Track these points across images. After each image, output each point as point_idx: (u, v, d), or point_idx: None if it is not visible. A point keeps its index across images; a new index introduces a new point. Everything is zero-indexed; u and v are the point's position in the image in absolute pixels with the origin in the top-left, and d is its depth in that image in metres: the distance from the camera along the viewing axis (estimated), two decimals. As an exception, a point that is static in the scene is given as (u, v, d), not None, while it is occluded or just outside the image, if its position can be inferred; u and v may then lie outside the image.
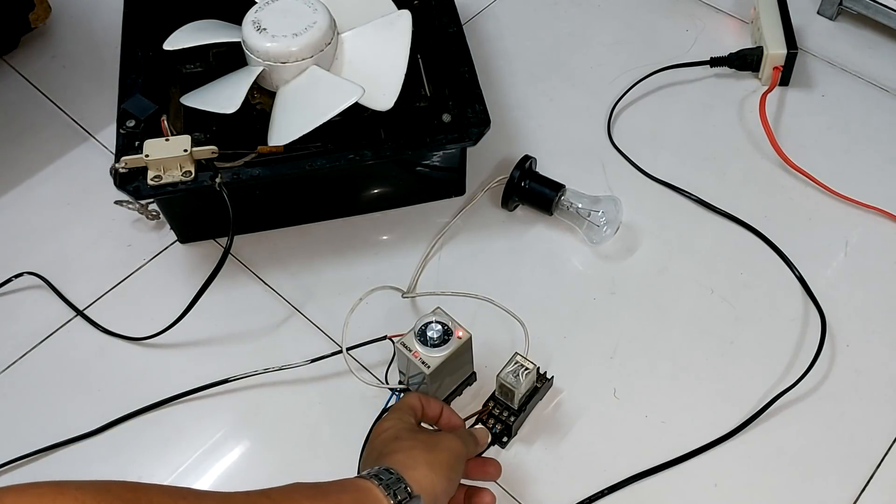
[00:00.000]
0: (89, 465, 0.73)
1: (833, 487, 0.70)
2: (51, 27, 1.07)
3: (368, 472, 0.56)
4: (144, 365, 0.79)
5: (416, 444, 0.60)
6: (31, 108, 1.00)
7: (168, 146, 0.76)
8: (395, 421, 0.63)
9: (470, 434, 0.66)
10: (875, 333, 0.78)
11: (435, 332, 0.68)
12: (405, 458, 0.58)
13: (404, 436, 0.61)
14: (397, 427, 0.63)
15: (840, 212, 0.87)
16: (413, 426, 0.64)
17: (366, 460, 0.64)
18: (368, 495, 0.54)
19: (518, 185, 0.84)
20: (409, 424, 0.64)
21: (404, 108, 0.83)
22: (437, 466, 0.59)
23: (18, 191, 0.92)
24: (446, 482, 0.59)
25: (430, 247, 0.85)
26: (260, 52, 0.79)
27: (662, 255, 0.84)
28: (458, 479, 0.61)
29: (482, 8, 1.08)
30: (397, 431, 0.62)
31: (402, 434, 0.62)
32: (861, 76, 0.98)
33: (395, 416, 0.64)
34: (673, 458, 0.71)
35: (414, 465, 0.57)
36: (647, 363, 0.78)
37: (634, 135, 0.94)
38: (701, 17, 1.05)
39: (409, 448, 0.60)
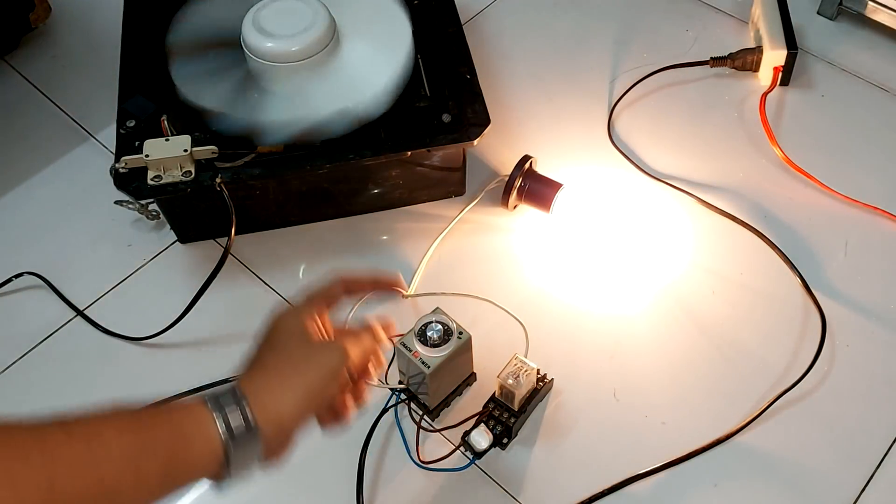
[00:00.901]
0: (89, 465, 0.73)
1: (833, 487, 0.70)
2: (51, 27, 1.07)
3: (207, 395, 0.51)
4: (144, 365, 0.79)
5: (284, 361, 0.55)
6: (31, 108, 1.00)
7: (168, 146, 0.76)
8: (294, 320, 0.58)
9: (366, 333, 0.60)
10: (875, 334, 0.78)
11: (435, 332, 0.68)
12: (263, 379, 0.54)
13: (281, 346, 0.57)
14: (288, 330, 0.58)
15: (840, 212, 0.87)
16: (305, 330, 0.58)
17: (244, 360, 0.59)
18: (194, 426, 0.49)
19: (518, 185, 0.84)
20: (301, 328, 0.58)
21: (404, 108, 0.83)
22: (296, 391, 0.54)
23: (18, 191, 0.92)
24: (299, 410, 0.54)
25: (430, 247, 0.85)
26: (260, 52, 0.79)
27: (662, 255, 0.84)
28: (320, 401, 0.57)
29: (482, 8, 1.08)
30: (281, 338, 0.57)
31: (281, 343, 0.57)
32: (861, 76, 0.98)
33: (299, 313, 0.59)
34: (673, 459, 0.71)
35: (268, 389, 0.53)
36: (647, 363, 0.78)
37: (634, 135, 0.94)
38: (701, 17, 1.05)
39: (274, 366, 0.55)
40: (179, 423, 0.49)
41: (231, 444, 0.50)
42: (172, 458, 0.48)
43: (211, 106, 0.80)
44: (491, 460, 0.72)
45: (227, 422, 0.49)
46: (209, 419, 0.49)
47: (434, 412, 0.73)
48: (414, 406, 0.73)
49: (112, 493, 0.45)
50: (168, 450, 0.48)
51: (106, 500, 0.45)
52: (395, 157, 0.80)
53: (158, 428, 0.48)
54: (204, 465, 0.50)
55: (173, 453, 0.48)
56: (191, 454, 0.49)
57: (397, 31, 0.86)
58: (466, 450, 0.70)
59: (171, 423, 0.49)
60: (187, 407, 0.50)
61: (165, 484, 0.48)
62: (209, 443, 0.49)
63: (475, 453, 0.69)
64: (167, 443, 0.48)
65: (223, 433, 0.49)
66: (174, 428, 0.49)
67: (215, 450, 0.49)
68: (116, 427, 0.47)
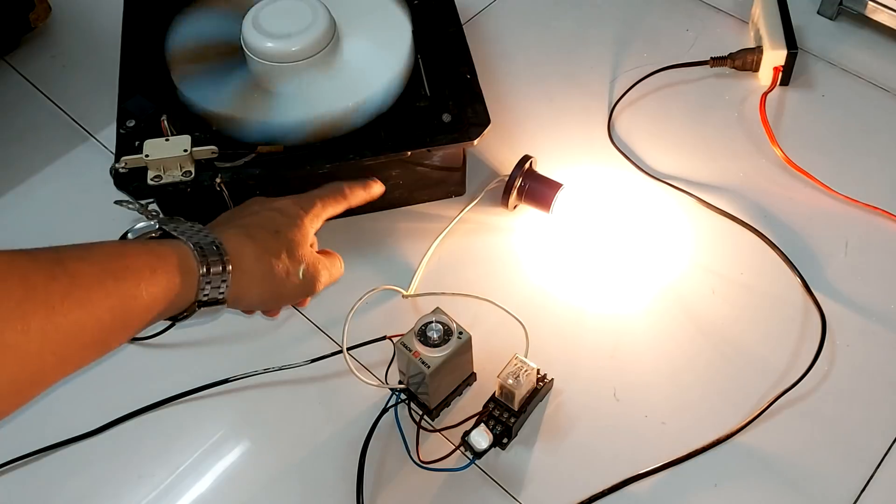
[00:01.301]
0: (89, 465, 0.73)
1: (833, 487, 0.70)
2: (51, 27, 1.07)
3: (191, 236, 0.52)
4: (144, 365, 0.79)
5: (275, 262, 0.56)
6: (31, 108, 1.00)
7: (168, 146, 0.76)
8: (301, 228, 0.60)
9: (338, 261, 0.63)
10: (875, 334, 0.78)
11: (435, 332, 0.68)
12: (251, 263, 0.55)
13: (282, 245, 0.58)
14: (287, 225, 0.59)
15: (840, 212, 0.87)
16: (296, 239, 0.59)
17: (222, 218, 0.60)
18: (173, 258, 0.50)
19: (518, 185, 0.84)
20: (305, 234, 0.59)
21: (404, 108, 0.83)
22: (270, 293, 0.56)
23: (19, 191, 0.92)
24: (261, 303, 0.56)
25: (430, 247, 0.85)
26: (260, 52, 0.79)
27: (662, 255, 0.84)
28: (277, 305, 0.58)
29: (482, 8, 1.08)
30: (282, 228, 0.58)
31: (283, 235, 0.58)
32: (861, 76, 0.98)
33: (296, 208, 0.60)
34: (673, 459, 0.72)
35: (251, 279, 0.54)
36: (647, 363, 0.78)
37: (634, 135, 0.94)
38: (701, 17, 1.05)
39: (266, 259, 0.56)
40: (162, 250, 0.50)
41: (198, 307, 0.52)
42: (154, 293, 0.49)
43: (211, 107, 0.80)
44: (491, 460, 0.72)
45: (209, 265, 0.51)
46: (191, 257, 0.51)
47: (434, 412, 0.73)
48: (414, 406, 0.73)
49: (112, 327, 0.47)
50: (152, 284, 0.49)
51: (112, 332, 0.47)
52: (395, 157, 0.79)
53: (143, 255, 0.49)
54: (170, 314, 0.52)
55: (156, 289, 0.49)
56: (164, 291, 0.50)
57: (397, 31, 0.86)
58: (466, 450, 0.70)
59: (153, 253, 0.50)
60: (173, 241, 0.52)
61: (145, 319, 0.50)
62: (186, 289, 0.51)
63: (475, 453, 0.69)
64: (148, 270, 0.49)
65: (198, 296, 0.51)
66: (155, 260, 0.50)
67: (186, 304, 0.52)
68: (105, 252, 0.48)
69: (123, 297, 0.47)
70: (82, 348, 0.46)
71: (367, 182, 0.64)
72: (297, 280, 0.58)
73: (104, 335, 0.47)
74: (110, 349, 0.49)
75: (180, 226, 0.54)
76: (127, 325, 0.48)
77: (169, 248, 0.51)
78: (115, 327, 0.47)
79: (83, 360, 0.47)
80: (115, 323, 0.47)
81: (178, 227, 0.54)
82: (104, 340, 0.47)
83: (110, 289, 0.46)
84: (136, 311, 0.48)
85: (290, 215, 0.60)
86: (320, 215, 0.62)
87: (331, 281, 0.61)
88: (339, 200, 0.63)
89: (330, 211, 0.62)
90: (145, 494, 0.72)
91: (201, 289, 0.51)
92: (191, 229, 0.53)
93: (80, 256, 0.46)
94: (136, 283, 0.48)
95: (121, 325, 0.48)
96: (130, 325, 0.48)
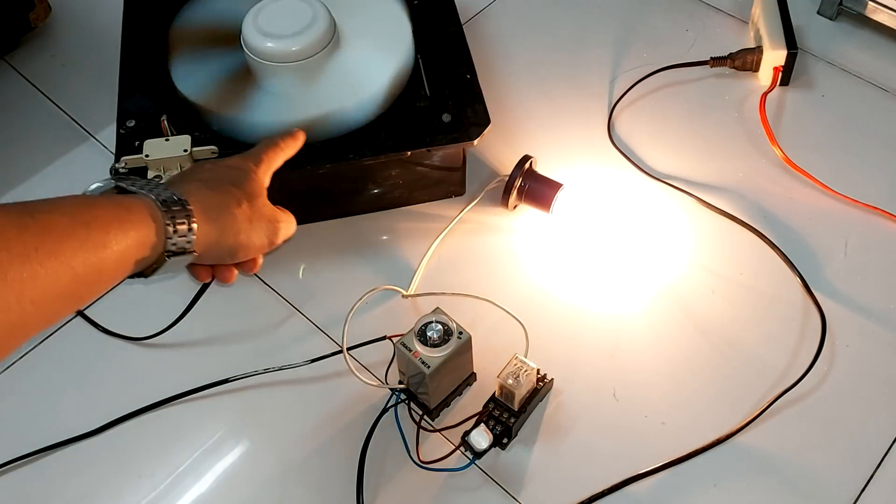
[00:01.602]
0: (89, 465, 0.73)
1: (833, 487, 0.70)
2: (51, 27, 1.07)
3: (151, 189, 0.53)
4: (144, 365, 0.79)
5: (239, 210, 0.58)
6: (31, 108, 1.00)
7: (168, 146, 0.76)
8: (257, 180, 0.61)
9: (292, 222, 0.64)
10: (875, 334, 0.78)
11: (435, 332, 0.68)
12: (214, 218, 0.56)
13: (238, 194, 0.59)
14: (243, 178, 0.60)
15: (840, 212, 0.87)
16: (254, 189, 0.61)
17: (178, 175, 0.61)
18: (140, 209, 0.51)
19: (518, 185, 0.84)
20: (254, 186, 0.61)
21: (404, 108, 0.83)
22: (230, 245, 0.57)
23: (18, 191, 0.92)
24: (219, 259, 0.58)
25: (430, 247, 0.85)
26: (260, 51, 0.79)
27: (662, 255, 0.84)
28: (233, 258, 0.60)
29: (482, 8, 1.08)
30: (240, 181, 0.60)
31: (240, 187, 0.59)
32: (861, 76, 0.98)
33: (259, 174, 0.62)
34: (673, 459, 0.72)
35: (213, 234, 0.56)
36: (647, 363, 0.78)
37: (634, 135, 0.94)
38: (701, 17, 1.05)
39: (229, 207, 0.57)
40: (126, 204, 0.51)
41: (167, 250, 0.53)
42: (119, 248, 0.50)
43: (212, 106, 0.80)
44: (491, 460, 0.72)
45: (174, 220, 0.52)
46: (155, 209, 0.52)
47: (434, 412, 0.73)
48: (414, 406, 0.73)
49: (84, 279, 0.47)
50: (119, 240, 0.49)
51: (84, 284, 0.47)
52: (395, 157, 0.80)
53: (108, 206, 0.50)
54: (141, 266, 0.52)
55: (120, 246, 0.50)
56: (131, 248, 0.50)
57: (397, 31, 0.86)
58: (466, 450, 0.70)
59: (117, 205, 0.51)
60: (134, 197, 0.52)
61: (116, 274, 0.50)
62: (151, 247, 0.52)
63: (475, 453, 0.69)
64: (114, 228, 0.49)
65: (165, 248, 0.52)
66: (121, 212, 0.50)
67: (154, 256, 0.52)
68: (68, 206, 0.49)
69: (95, 248, 0.48)
70: (58, 298, 0.46)
71: (293, 131, 0.67)
72: (259, 229, 0.60)
73: (78, 287, 0.47)
74: (84, 302, 0.49)
75: (137, 182, 0.55)
76: (100, 276, 0.49)
77: (134, 200, 0.52)
78: (89, 279, 0.48)
79: (60, 312, 0.47)
80: (88, 274, 0.47)
81: (134, 183, 0.55)
82: (78, 293, 0.48)
83: (82, 238, 0.47)
84: (107, 263, 0.49)
85: (244, 169, 0.62)
86: (269, 168, 0.65)
87: (287, 235, 0.64)
88: (277, 152, 0.66)
89: (275, 163, 0.66)
90: (145, 494, 0.72)
91: (168, 238, 0.52)
92: (148, 184, 0.55)
93: (49, 209, 0.47)
94: (105, 232, 0.48)
95: (94, 277, 0.48)
96: (103, 278, 0.49)
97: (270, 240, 0.61)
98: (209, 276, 0.62)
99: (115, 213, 0.50)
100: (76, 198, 0.50)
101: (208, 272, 0.62)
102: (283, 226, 0.63)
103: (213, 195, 0.57)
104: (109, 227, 0.49)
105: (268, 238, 0.61)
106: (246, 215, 0.59)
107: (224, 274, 0.62)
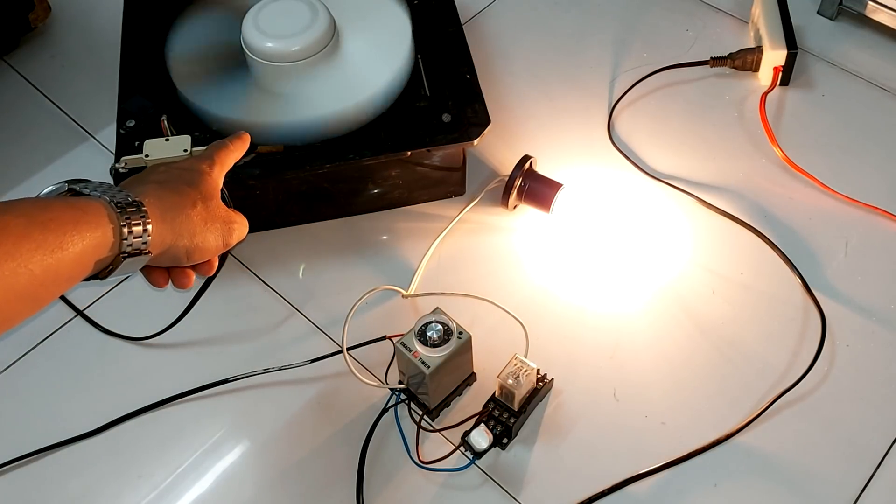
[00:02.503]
0: (89, 465, 0.73)
1: (833, 487, 0.70)
2: (51, 27, 1.07)
3: (104, 192, 0.53)
4: (144, 365, 0.79)
5: (193, 210, 0.58)
6: (31, 108, 1.00)
7: (168, 146, 0.76)
8: (210, 181, 0.61)
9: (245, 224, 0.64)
10: (875, 334, 0.78)
11: (435, 332, 0.68)
12: (168, 223, 0.56)
13: (193, 192, 0.59)
14: (197, 178, 0.60)
15: (840, 212, 0.87)
16: (208, 190, 0.61)
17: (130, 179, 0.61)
18: (95, 210, 0.51)
19: (518, 185, 0.84)
20: (207, 187, 0.61)
21: (404, 108, 0.83)
22: (187, 246, 0.57)
23: (18, 191, 0.92)
24: (176, 261, 0.58)
25: (430, 247, 0.85)
26: (260, 51, 0.79)
27: (662, 255, 0.84)
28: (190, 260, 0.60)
29: (482, 8, 1.08)
30: (195, 181, 0.60)
31: (195, 186, 0.60)
32: (861, 76, 0.98)
33: (214, 176, 0.62)
34: (673, 459, 0.72)
35: (168, 234, 0.56)
36: (647, 363, 0.78)
37: (634, 135, 0.94)
38: (701, 17, 1.05)
39: (183, 206, 0.58)
40: (82, 206, 0.51)
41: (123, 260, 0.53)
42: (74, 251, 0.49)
43: (211, 107, 0.80)
44: (491, 460, 0.72)
45: (129, 219, 0.52)
46: (110, 211, 0.52)
47: (434, 412, 0.73)
48: (414, 406, 0.73)
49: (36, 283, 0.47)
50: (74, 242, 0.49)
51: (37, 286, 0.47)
52: (395, 157, 0.80)
53: (67, 209, 0.50)
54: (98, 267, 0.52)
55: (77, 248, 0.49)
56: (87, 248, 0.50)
57: (397, 31, 0.86)
58: (466, 450, 0.70)
59: (74, 208, 0.50)
60: (87, 198, 0.52)
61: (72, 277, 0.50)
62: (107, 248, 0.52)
63: (475, 453, 0.69)
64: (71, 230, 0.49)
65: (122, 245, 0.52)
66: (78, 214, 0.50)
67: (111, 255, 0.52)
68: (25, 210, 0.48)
69: (52, 249, 0.48)
70: (16, 300, 0.46)
71: (239, 133, 0.67)
72: (214, 230, 0.60)
73: (36, 288, 0.47)
74: (43, 303, 0.49)
75: (90, 184, 0.55)
76: (58, 278, 0.49)
77: (89, 201, 0.52)
78: (47, 280, 0.48)
79: (20, 314, 0.48)
80: (45, 275, 0.47)
81: (87, 185, 0.55)
82: (36, 294, 0.48)
83: (39, 240, 0.47)
84: (64, 264, 0.49)
85: (198, 170, 0.63)
86: (222, 169, 0.65)
87: (241, 236, 0.64)
88: (228, 153, 0.67)
89: (226, 164, 0.66)
90: (145, 495, 0.72)
91: (124, 239, 0.52)
92: (101, 186, 0.55)
93: (4, 210, 0.47)
94: (62, 234, 0.48)
95: (52, 278, 0.48)
96: (60, 279, 0.49)
97: (225, 241, 0.62)
98: (166, 281, 0.62)
99: (72, 215, 0.50)
100: (32, 200, 0.50)
101: (164, 277, 0.62)
102: (237, 227, 0.63)
103: (169, 196, 0.58)
104: (66, 229, 0.49)
105: (222, 239, 0.61)
106: (201, 216, 0.59)
107: (181, 278, 0.62)
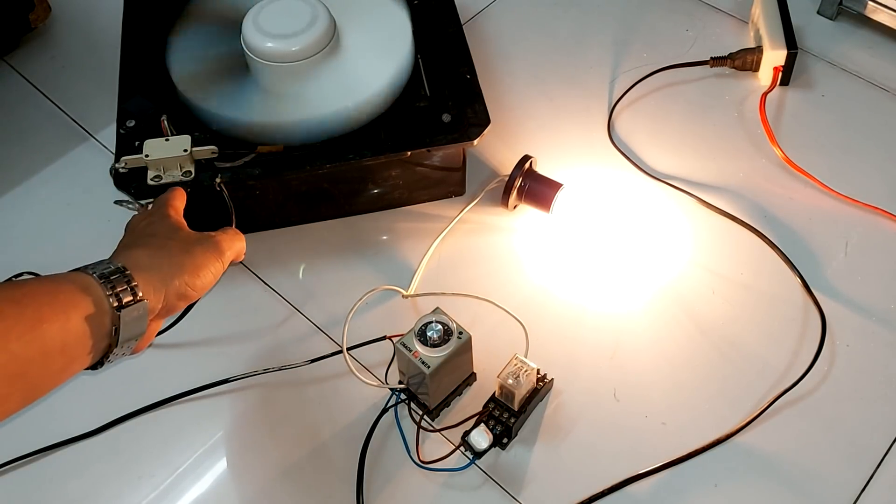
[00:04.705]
0: (89, 465, 0.73)
1: (833, 487, 0.70)
2: (51, 27, 1.07)
3: (93, 268, 0.53)
4: (144, 365, 0.79)
5: (167, 244, 0.59)
6: (31, 108, 1.00)
7: (168, 146, 0.76)
8: (163, 216, 0.63)
9: (237, 235, 0.66)
10: (875, 334, 0.78)
11: (435, 332, 0.68)
12: (146, 259, 0.57)
13: (160, 232, 0.61)
14: (157, 223, 0.62)
15: (840, 212, 0.87)
16: (173, 225, 0.63)
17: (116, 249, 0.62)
18: (80, 293, 0.50)
19: (518, 185, 0.84)
20: (175, 222, 0.63)
21: (404, 108, 0.83)
22: (177, 272, 0.58)
23: (18, 191, 0.92)
24: (180, 285, 0.58)
25: (430, 247, 0.85)
26: (260, 52, 0.79)
27: (662, 255, 0.84)
28: (194, 285, 0.60)
29: (482, 8, 1.08)
30: (157, 230, 0.61)
31: (159, 230, 0.61)
32: (861, 76, 0.98)
33: (156, 211, 0.65)
34: (673, 459, 0.72)
35: (152, 266, 0.57)
36: (647, 363, 0.78)
37: (634, 135, 0.94)
38: (701, 17, 1.05)
39: (159, 247, 0.59)
40: (68, 284, 0.51)
41: (120, 318, 0.52)
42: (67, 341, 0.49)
43: (211, 107, 0.80)
44: (491, 460, 0.72)
45: (118, 295, 0.52)
46: (98, 289, 0.51)
47: (434, 412, 0.73)
48: (414, 406, 0.73)
49: None
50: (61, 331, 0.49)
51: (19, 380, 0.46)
52: (395, 157, 0.80)
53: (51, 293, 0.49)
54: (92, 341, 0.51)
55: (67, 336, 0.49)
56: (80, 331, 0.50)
57: (397, 31, 0.86)
58: (466, 450, 0.70)
59: (61, 291, 0.50)
60: (73, 275, 0.52)
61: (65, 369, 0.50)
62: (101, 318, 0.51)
63: (475, 453, 0.69)
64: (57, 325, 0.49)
65: (114, 308, 0.52)
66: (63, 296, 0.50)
67: (105, 325, 0.52)
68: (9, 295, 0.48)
69: (31, 323, 0.47)
70: (5, 383, 0.45)
71: (175, 188, 0.72)
72: (197, 251, 0.62)
73: (19, 366, 0.46)
74: (36, 383, 0.48)
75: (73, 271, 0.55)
76: (46, 355, 0.47)
77: (64, 274, 0.53)
78: (30, 356, 0.46)
79: (8, 397, 0.46)
80: (26, 352, 0.46)
81: None
82: (21, 372, 0.46)
83: (14, 316, 0.46)
84: (49, 338, 0.47)
85: (155, 213, 0.66)
86: (176, 210, 0.68)
87: (233, 244, 0.66)
88: (177, 196, 0.70)
89: (178, 205, 0.69)
90: (145, 495, 0.72)
91: (108, 294, 0.52)
92: (75, 271, 0.54)
93: None
94: (38, 307, 0.48)
95: (36, 355, 0.47)
96: (50, 356, 0.48)
97: (214, 254, 0.62)
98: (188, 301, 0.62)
99: (46, 288, 0.50)
100: (4, 282, 0.52)
101: None
102: (221, 239, 0.64)
103: (140, 248, 0.59)
104: (41, 302, 0.48)
105: (212, 254, 0.62)
106: (178, 247, 0.60)
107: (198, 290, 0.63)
